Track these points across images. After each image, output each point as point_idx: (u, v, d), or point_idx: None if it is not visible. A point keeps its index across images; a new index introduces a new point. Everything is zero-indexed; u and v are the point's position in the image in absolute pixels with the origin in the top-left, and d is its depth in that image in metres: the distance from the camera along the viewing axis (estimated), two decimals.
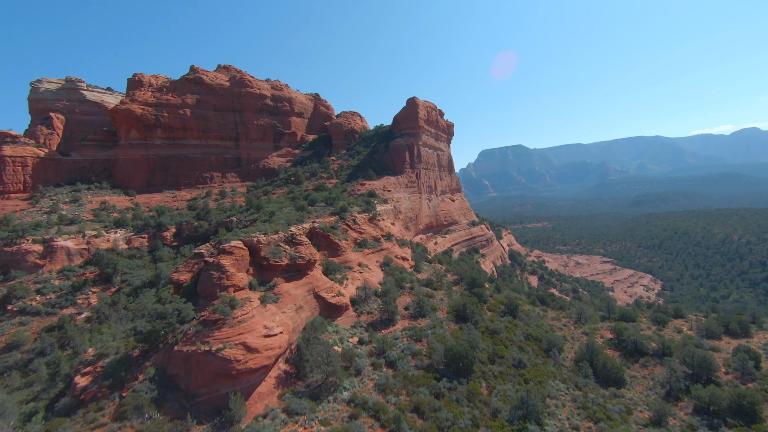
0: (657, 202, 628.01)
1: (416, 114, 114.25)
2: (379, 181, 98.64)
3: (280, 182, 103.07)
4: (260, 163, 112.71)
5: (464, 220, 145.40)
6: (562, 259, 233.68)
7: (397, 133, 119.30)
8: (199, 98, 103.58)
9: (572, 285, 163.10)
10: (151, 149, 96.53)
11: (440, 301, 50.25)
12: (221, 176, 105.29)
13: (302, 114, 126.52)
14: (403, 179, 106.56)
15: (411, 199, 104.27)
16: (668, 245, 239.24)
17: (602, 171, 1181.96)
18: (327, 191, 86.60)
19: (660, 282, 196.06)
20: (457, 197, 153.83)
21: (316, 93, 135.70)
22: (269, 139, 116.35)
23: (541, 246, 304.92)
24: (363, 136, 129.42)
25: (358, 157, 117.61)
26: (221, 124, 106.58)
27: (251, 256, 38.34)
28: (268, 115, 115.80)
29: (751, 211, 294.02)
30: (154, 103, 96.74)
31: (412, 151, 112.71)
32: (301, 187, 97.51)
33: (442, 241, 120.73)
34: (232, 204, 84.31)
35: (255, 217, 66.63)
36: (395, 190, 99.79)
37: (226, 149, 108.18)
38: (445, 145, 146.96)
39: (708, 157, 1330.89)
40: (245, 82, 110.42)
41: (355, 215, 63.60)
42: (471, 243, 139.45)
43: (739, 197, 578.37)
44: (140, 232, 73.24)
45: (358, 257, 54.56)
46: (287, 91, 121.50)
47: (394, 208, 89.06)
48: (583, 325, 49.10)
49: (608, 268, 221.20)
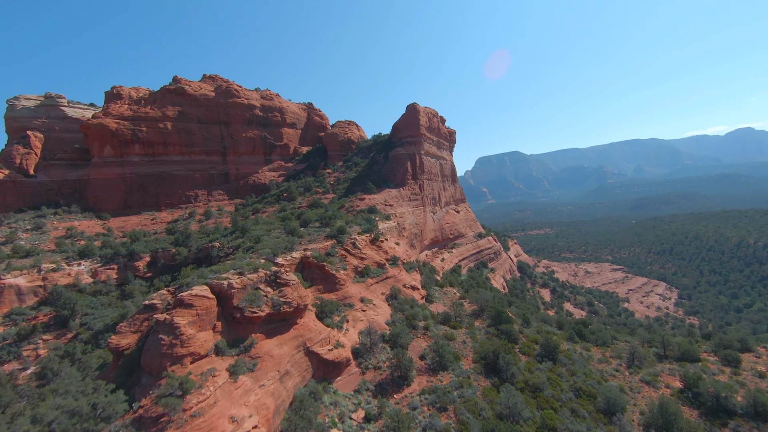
0: (658, 204, 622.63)
1: (417, 121, 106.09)
2: (379, 195, 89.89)
3: (271, 199, 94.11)
4: (250, 178, 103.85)
5: (470, 233, 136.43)
6: (570, 268, 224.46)
7: (396, 142, 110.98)
8: (182, 110, 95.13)
9: (586, 297, 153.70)
10: (127, 167, 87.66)
11: (462, 344, 40.92)
12: (207, 194, 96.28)
13: (295, 125, 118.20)
14: (405, 192, 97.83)
15: (415, 214, 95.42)
16: (680, 250, 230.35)
17: (600, 175, 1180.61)
18: (322, 208, 77.73)
19: (676, 290, 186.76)
20: (462, 208, 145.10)
21: (309, 102, 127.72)
22: (259, 152, 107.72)
23: (546, 254, 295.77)
24: (360, 146, 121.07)
25: (355, 169, 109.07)
26: (206, 137, 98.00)
27: (221, 306, 29.19)
28: (257, 127, 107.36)
29: (760, 212, 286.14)
30: (130, 117, 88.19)
31: (413, 160, 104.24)
32: (294, 203, 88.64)
33: (449, 257, 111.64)
34: (216, 226, 75.20)
35: (239, 242, 57.58)
36: (397, 204, 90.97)
37: (212, 165, 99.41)
38: (447, 154, 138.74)
39: (704, 158, 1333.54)
40: (232, 91, 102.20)
41: (354, 237, 54.56)
42: (479, 257, 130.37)
43: (740, 197, 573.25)
44: (109, 262, 63.85)
45: (359, 290, 45.35)
46: (278, 100, 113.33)
47: (398, 224, 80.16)
48: (639, 370, 39.85)
49: (620, 277, 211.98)
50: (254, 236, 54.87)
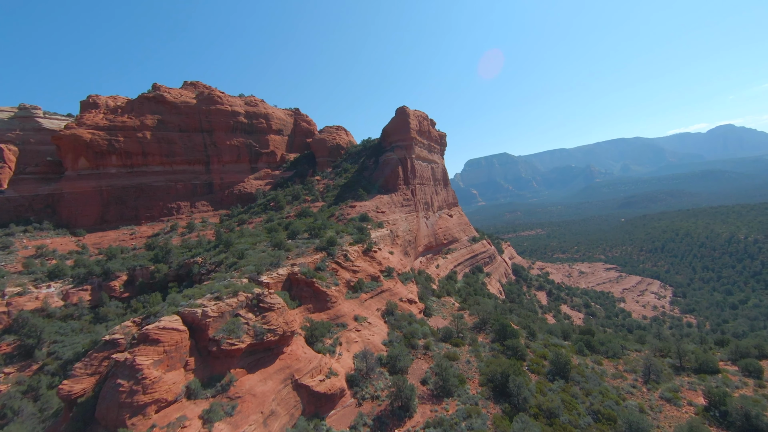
0: (645, 202, 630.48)
1: (407, 124, 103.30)
2: (370, 202, 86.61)
3: (258, 209, 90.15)
4: (235, 187, 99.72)
5: (464, 237, 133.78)
6: (564, 268, 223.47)
7: (387, 146, 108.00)
8: (161, 118, 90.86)
9: (583, 299, 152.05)
10: (104, 179, 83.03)
11: (467, 364, 37.57)
12: (190, 206, 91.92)
13: (281, 131, 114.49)
14: (397, 197, 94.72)
15: (408, 220, 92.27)
16: (671, 248, 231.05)
17: (587, 174, 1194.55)
18: (311, 217, 74.13)
19: (670, 288, 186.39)
20: (455, 212, 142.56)
21: (295, 108, 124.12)
22: (245, 160, 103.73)
23: (539, 255, 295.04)
24: (350, 151, 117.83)
25: (345, 175, 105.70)
26: (188, 146, 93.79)
27: (194, 338, 25.46)
28: (242, 134, 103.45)
29: (746, 207, 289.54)
30: (106, 127, 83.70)
31: (405, 165, 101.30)
32: (281, 213, 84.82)
33: (444, 263, 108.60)
34: (198, 239, 70.98)
35: (222, 258, 53.63)
36: (390, 210, 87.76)
37: (194, 174, 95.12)
38: (438, 157, 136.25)
39: (688, 155, 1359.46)
40: (214, 98, 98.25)
41: (346, 249, 51.06)
42: (474, 261, 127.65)
43: (724, 193, 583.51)
44: (82, 283, 59.27)
45: (353, 307, 41.83)
46: (263, 106, 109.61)
47: (391, 232, 76.83)
48: (657, 385, 36.95)
49: (614, 276, 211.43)
50: (238, 251, 51.02)
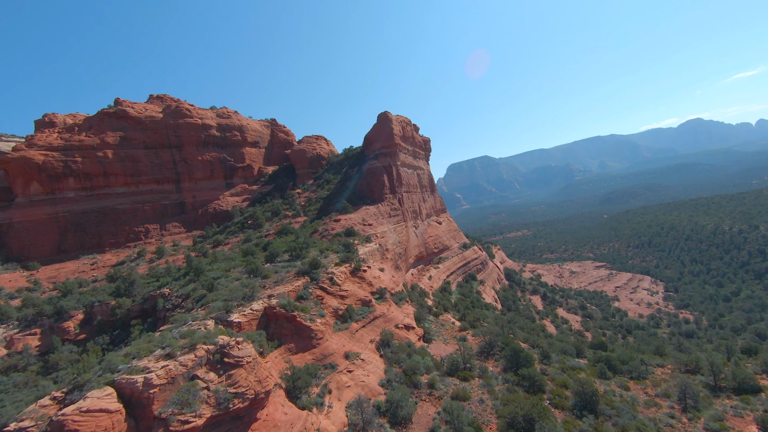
0: (625, 197, 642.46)
1: (390, 130, 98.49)
2: (356, 214, 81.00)
3: (235, 228, 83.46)
4: (210, 206, 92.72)
5: (455, 244, 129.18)
6: (554, 269, 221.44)
7: (370, 154, 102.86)
8: (124, 135, 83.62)
9: (578, 300, 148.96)
10: (61, 205, 75.17)
11: (480, 403, 32.04)
12: (160, 228, 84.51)
13: (257, 143, 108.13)
14: (384, 207, 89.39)
15: (397, 231, 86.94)
16: (658, 242, 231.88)
17: (567, 173, 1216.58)
18: (293, 235, 68.01)
19: (661, 283, 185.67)
20: (444, 218, 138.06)
21: (271, 118, 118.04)
22: (219, 176, 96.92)
23: (528, 256, 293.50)
24: (331, 161, 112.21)
25: (327, 186, 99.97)
26: (155, 164, 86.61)
27: (133, 416, 19.32)
28: (215, 149, 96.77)
29: (725, 197, 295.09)
30: (62, 147, 76.09)
31: (390, 173, 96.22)
32: (260, 231, 78.36)
33: (437, 273, 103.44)
34: (167, 267, 63.91)
35: (191, 289, 47.06)
36: (377, 222, 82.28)
37: (164, 194, 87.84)
38: (424, 163, 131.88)
39: (661, 150, 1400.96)
40: (182, 111, 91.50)
41: (332, 271, 45.24)
42: (466, 269, 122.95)
43: (700, 185, 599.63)
44: (30, 326, 51.67)
45: (343, 342, 35.99)
46: (236, 118, 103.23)
47: (380, 246, 71.28)
48: (698, 412, 32.16)
49: (604, 274, 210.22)
50: (208, 281, 44.58)
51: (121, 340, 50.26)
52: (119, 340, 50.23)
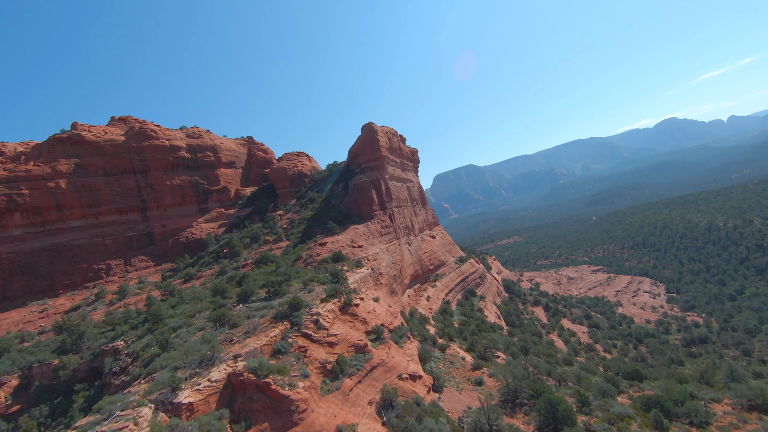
0: (611, 198, 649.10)
1: (376, 142, 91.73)
2: (344, 235, 73.20)
3: (209, 258, 74.69)
4: (181, 234, 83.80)
5: (451, 258, 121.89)
6: (552, 276, 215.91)
7: (356, 168, 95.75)
8: (80, 162, 74.80)
9: (581, 309, 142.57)
10: (4, 245, 65.55)
11: None
12: (124, 264, 75.15)
13: (233, 164, 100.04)
14: (374, 226, 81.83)
15: (390, 251, 79.27)
16: (653, 242, 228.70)
17: (551, 177, 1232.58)
18: (273, 264, 59.77)
19: (662, 285, 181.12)
20: (437, 232, 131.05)
21: (248, 136, 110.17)
22: (191, 201, 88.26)
23: (522, 264, 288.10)
24: (314, 179, 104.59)
25: (311, 206, 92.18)
26: (117, 192, 77.71)
27: None
28: (185, 172, 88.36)
29: (712, 193, 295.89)
30: (4, 179, 66.91)
31: (378, 188, 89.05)
32: (238, 260, 69.80)
33: (435, 293, 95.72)
34: (125, 311, 54.81)
35: (146, 342, 38.40)
36: (368, 242, 74.54)
37: (128, 225, 78.74)
38: (413, 175, 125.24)
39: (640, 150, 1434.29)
40: (147, 132, 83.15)
41: (317, 311, 37.19)
42: (465, 285, 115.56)
43: (682, 182, 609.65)
44: None
45: (333, 410, 27.86)
46: (209, 137, 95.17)
47: (372, 270, 63.43)
48: None
49: (603, 278, 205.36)
50: (164, 335, 35.98)
51: (63, 411, 41.04)
52: (60, 412, 40.98)
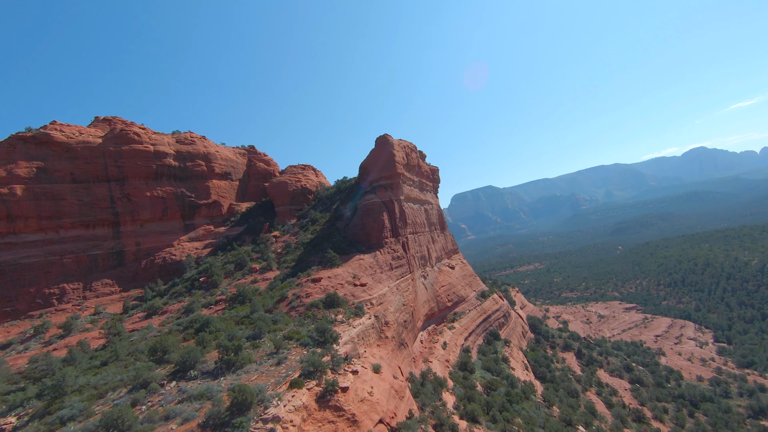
0: (637, 227, 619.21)
1: (392, 157, 78.75)
2: (345, 267, 59.50)
3: (182, 287, 61.87)
4: (158, 255, 71.68)
5: (471, 293, 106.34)
6: (579, 312, 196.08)
7: (366, 186, 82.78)
8: (44, 166, 64.06)
9: (619, 358, 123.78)
10: None
11: None
12: (83, 288, 63.11)
13: (228, 175, 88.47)
14: (384, 256, 67.91)
15: (401, 289, 65.06)
16: (693, 280, 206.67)
17: (573, 202, 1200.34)
18: (248, 306, 46.39)
19: (708, 332, 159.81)
20: (456, 260, 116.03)
21: (249, 145, 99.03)
22: (174, 215, 76.48)
23: (545, 294, 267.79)
24: (320, 196, 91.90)
25: (313, 227, 79.18)
26: (85, 202, 66.47)
27: None
28: (171, 182, 76.95)
29: (756, 229, 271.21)
30: None
31: (392, 210, 75.55)
32: (213, 294, 56.72)
33: (453, 338, 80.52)
34: (47, 361, 41.95)
35: None
36: (374, 278, 60.56)
37: (95, 241, 67.09)
38: (432, 196, 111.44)
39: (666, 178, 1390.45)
40: (129, 136, 72.33)
41: (276, 415, 23.26)
42: (487, 325, 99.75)
43: (715, 214, 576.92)
44: None
45: None
46: (202, 144, 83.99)
47: (377, 319, 49.30)
48: None
49: (638, 319, 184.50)
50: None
51: None
52: None
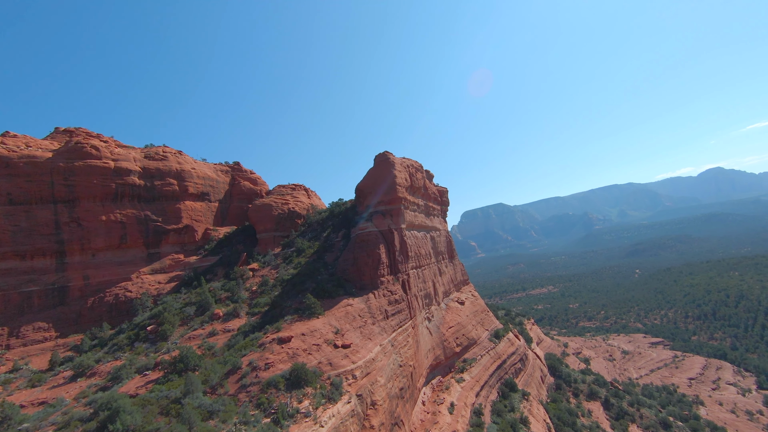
0: (655, 249, 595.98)
1: (392, 179, 66.87)
2: (327, 318, 46.99)
3: (127, 337, 50.03)
4: (110, 291, 60.13)
5: (484, 333, 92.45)
6: (601, 346, 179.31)
7: (362, 211, 70.80)
8: None
9: (654, 410, 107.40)
10: None
11: None
12: (8, 334, 51.49)
13: (206, 195, 77.41)
14: (378, 300, 55.31)
15: (398, 344, 52.22)
16: (726, 314, 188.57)
17: (586, 222, 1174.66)
18: (182, 381, 34.11)
19: (750, 376, 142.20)
20: (466, 293, 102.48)
21: (234, 162, 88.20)
22: (135, 243, 65.14)
23: (561, 322, 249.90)
24: (310, 221, 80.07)
25: (298, 259, 67.08)
26: (22, 228, 55.61)
27: None
28: (134, 203, 65.97)
29: None
30: None
31: (390, 241, 63.27)
32: (157, 350, 44.73)
33: (461, 395, 66.62)
34: None
35: None
36: (363, 334, 47.87)
37: (31, 275, 55.89)
38: (439, 221, 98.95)
39: (683, 199, 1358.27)
40: (84, 150, 61.82)
41: None
42: (502, 373, 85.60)
43: (735, 237, 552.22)
44: None
45: None
46: (176, 160, 73.21)
47: (360, 399, 36.52)
48: None
49: (667, 357, 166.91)
50: None
51: None
52: None
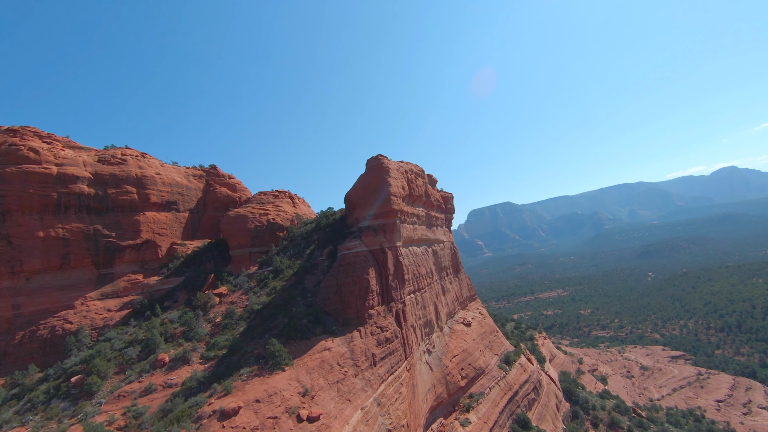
0: (667, 251, 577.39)
1: (386, 187, 56.08)
2: (292, 372, 36.47)
3: (48, 388, 40.09)
4: (46, 322, 50.26)
5: (492, 359, 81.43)
6: (617, 360, 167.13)
7: (352, 224, 60.31)
8: None
9: None
10: None
11: None
12: None
13: (173, 204, 67.20)
14: (364, 342, 44.69)
15: (387, 399, 41.58)
16: (753, 326, 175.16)
17: (595, 221, 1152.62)
18: None
19: None
20: (473, 312, 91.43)
21: (210, 165, 77.79)
22: (82, 262, 55.13)
23: (572, 331, 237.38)
24: (294, 234, 69.49)
25: (274, 282, 56.63)
26: None
27: None
28: (82, 215, 56.00)
29: None
30: None
31: (383, 264, 52.58)
32: (76, 413, 34.67)
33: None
34: None
35: None
36: (340, 393, 37.25)
37: None
38: (443, 232, 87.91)
39: (695, 199, 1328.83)
40: (19, 154, 51.88)
41: None
42: (513, 407, 74.58)
43: (753, 239, 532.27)
44: None
45: None
46: (136, 165, 62.97)
47: None
48: None
49: (690, 375, 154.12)
50: None
51: None
52: None
